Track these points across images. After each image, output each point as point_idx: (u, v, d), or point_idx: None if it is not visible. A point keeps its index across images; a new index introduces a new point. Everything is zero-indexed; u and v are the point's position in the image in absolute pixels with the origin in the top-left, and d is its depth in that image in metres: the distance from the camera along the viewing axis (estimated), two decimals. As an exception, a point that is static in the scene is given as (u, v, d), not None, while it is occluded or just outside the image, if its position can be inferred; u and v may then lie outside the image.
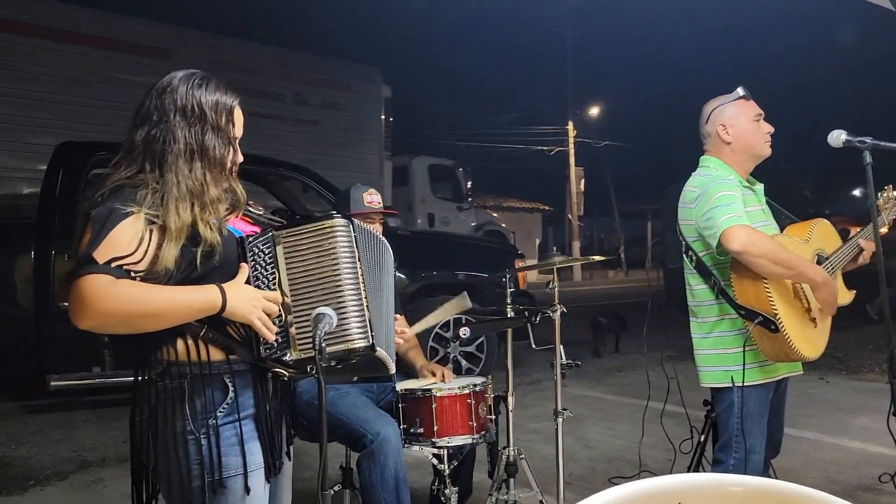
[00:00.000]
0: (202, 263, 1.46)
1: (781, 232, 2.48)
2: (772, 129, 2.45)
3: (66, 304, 1.40)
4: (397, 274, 5.71)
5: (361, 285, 1.55)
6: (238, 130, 1.60)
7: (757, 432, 2.39)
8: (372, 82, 11.24)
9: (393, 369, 1.70)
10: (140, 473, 1.56)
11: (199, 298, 1.43)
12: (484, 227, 15.28)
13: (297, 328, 1.50)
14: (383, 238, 1.78)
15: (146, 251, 1.41)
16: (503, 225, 17.52)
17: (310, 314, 1.49)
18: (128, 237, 1.40)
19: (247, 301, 1.46)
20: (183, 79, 1.54)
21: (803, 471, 3.71)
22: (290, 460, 1.74)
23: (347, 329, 1.51)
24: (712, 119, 2.46)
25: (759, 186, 2.50)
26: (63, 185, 5.08)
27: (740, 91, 2.44)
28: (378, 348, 1.57)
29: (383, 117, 11.33)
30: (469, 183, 15.25)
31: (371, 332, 1.54)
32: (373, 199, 2.91)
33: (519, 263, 6.36)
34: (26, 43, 7.78)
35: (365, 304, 1.54)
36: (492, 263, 6.33)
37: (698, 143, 2.56)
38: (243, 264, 1.52)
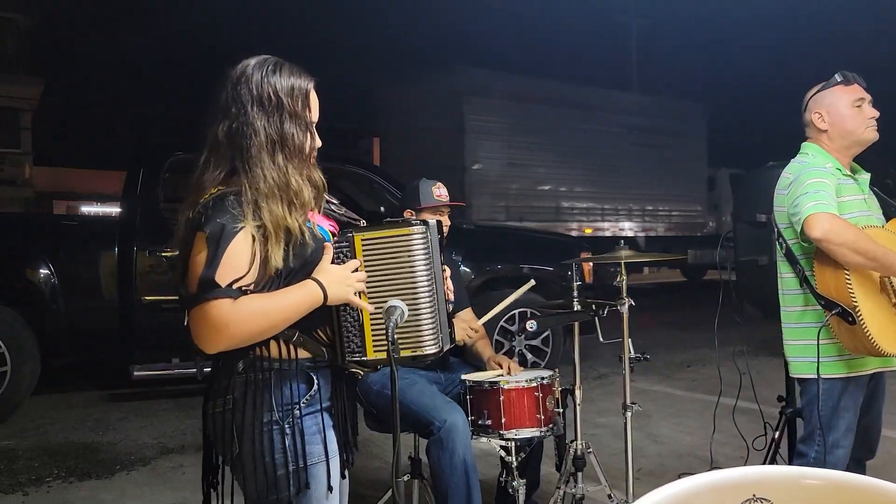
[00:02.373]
0: (295, 257, 1.49)
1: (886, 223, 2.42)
2: (875, 114, 2.41)
3: (154, 297, 1.45)
4: (462, 268, 5.75)
5: (436, 292, 1.57)
6: (314, 115, 1.59)
7: (841, 426, 2.34)
8: (700, 114, 15.66)
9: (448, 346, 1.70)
10: (213, 463, 1.61)
11: (304, 297, 1.48)
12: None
13: (372, 331, 1.54)
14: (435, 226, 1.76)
15: (258, 266, 1.45)
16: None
17: (384, 318, 1.51)
18: (242, 254, 1.43)
19: (340, 283, 1.50)
20: (256, 66, 1.53)
21: (884, 470, 3.56)
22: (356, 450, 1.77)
23: (421, 336, 1.54)
24: (809, 107, 2.47)
25: (864, 176, 2.47)
26: (143, 185, 5.32)
27: (837, 77, 2.44)
28: (445, 348, 1.59)
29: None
30: None
31: (441, 334, 1.57)
32: (441, 192, 2.93)
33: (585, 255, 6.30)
34: (533, 108, 12.79)
35: (437, 307, 1.57)
36: (557, 256, 6.29)
37: (772, 134, 2.51)
38: (327, 244, 1.55)
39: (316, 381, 1.55)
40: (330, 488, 1.55)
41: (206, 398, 1.58)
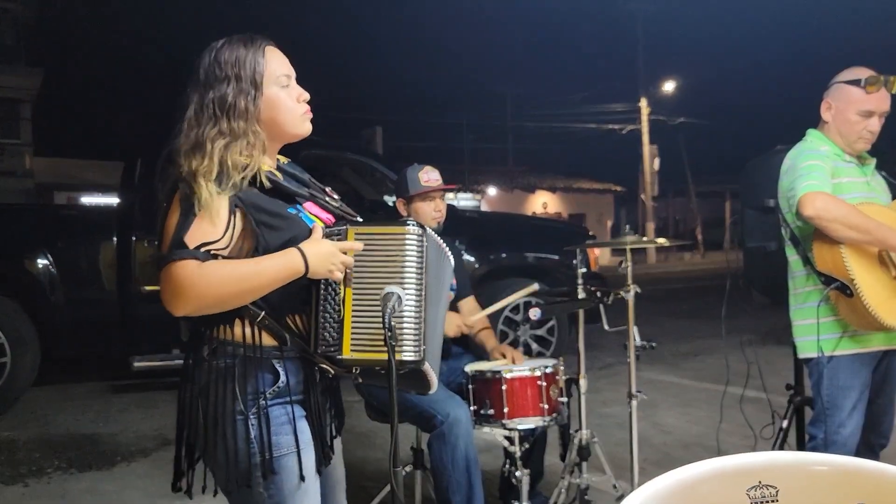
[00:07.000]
0: (274, 236, 1.46)
1: None
2: (875, 129, 2.39)
3: (154, 287, 1.42)
4: (466, 257, 5.70)
5: (423, 299, 1.51)
6: (277, 67, 1.56)
7: (847, 406, 2.33)
8: None
9: (434, 388, 1.64)
10: (183, 450, 1.56)
11: (282, 266, 1.43)
12: None
13: (352, 329, 1.48)
14: (447, 249, 1.72)
15: (234, 237, 1.43)
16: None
17: (366, 317, 1.47)
18: (215, 218, 1.41)
19: (325, 258, 1.46)
20: (207, 50, 1.56)
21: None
22: (339, 446, 1.72)
23: (402, 340, 1.47)
24: (828, 91, 2.45)
25: (869, 161, 2.48)
26: (141, 176, 5.30)
27: (863, 81, 2.35)
28: (426, 363, 1.53)
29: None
30: None
31: (423, 345, 1.51)
32: (430, 176, 2.80)
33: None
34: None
35: (423, 316, 1.51)
36: (561, 244, 6.25)
37: (778, 119, 2.54)
38: (316, 225, 1.52)
39: (283, 374, 1.50)
40: (302, 478, 1.50)
41: (180, 384, 1.55)
